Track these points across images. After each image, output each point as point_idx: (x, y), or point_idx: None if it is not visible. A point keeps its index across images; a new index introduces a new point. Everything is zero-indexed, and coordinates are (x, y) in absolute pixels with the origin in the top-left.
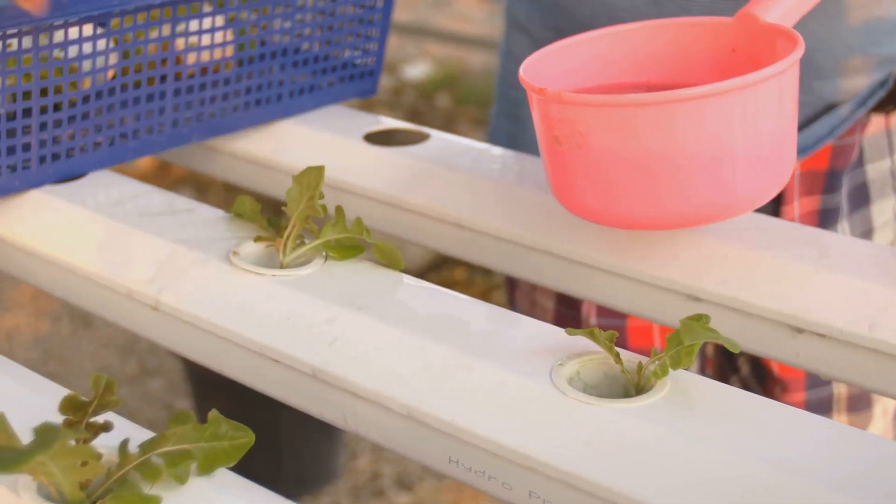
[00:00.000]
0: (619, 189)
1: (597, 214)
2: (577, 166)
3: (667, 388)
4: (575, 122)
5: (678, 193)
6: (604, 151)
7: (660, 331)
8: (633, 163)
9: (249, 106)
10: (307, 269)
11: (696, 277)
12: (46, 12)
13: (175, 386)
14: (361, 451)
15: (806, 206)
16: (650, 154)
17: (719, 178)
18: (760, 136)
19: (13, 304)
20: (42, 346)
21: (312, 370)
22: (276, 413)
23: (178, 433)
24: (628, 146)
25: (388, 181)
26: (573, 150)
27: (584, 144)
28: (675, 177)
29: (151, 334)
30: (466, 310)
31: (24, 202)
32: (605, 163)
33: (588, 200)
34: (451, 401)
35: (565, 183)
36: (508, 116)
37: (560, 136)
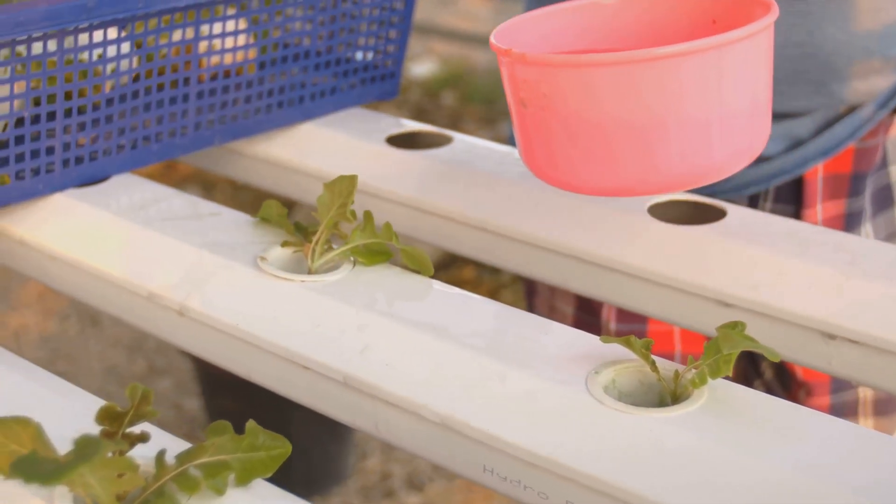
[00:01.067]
0: (583, 155)
1: (560, 181)
2: (540, 130)
3: (704, 397)
4: (538, 83)
5: (641, 160)
6: (565, 114)
7: (680, 334)
8: (594, 126)
9: (271, 108)
10: (336, 275)
11: (725, 282)
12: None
13: (183, 385)
14: (371, 451)
15: (830, 210)
16: (611, 117)
17: (684, 145)
18: (731, 100)
19: (20, 304)
20: (50, 346)
21: (343, 377)
22: (287, 413)
23: (215, 444)
24: (589, 108)
25: (412, 184)
26: (537, 112)
27: (547, 107)
28: (638, 142)
29: (177, 340)
30: (499, 316)
31: (48, 206)
32: (566, 126)
33: (552, 166)
34: (485, 409)
35: (531, 148)
36: None
37: (525, 98)
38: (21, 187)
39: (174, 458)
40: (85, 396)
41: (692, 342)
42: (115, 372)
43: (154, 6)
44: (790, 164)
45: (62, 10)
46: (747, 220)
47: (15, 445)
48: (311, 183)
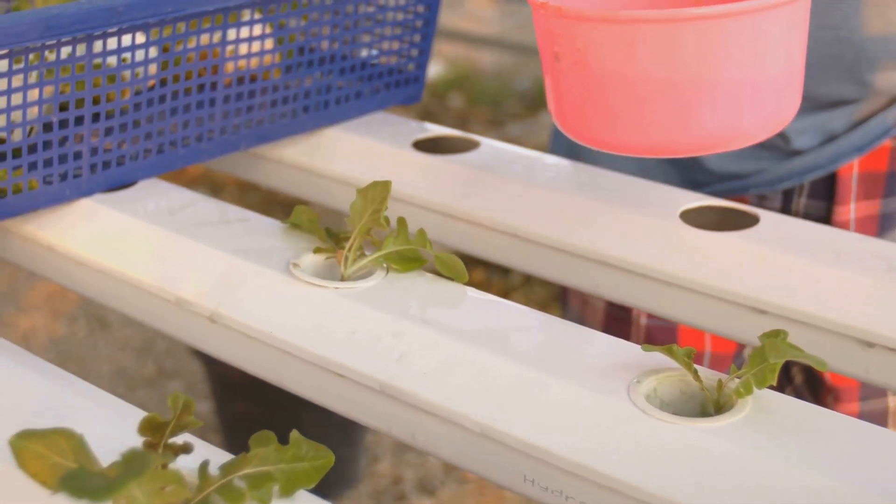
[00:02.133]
0: (613, 111)
1: (590, 137)
2: (573, 85)
3: (748, 407)
4: (574, 38)
5: (673, 119)
6: (600, 69)
7: (711, 335)
8: (628, 83)
9: (297, 113)
10: (370, 282)
11: (761, 289)
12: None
13: (193, 388)
14: (383, 454)
15: (864, 209)
16: (647, 75)
17: (718, 107)
18: (766, 65)
19: (29, 305)
20: (59, 348)
21: (380, 385)
22: (297, 416)
23: (259, 455)
24: (626, 65)
25: (439, 189)
26: (571, 67)
27: (581, 61)
28: (671, 101)
29: (208, 347)
30: (536, 324)
31: (75, 211)
32: (600, 82)
33: (582, 122)
34: (525, 418)
35: (562, 104)
36: None
37: (560, 52)
38: (48, 192)
39: (217, 469)
40: (112, 400)
41: (722, 342)
42: (125, 374)
43: (183, 10)
44: (824, 158)
45: (92, 14)
46: (781, 227)
47: (58, 458)
48: (337, 188)
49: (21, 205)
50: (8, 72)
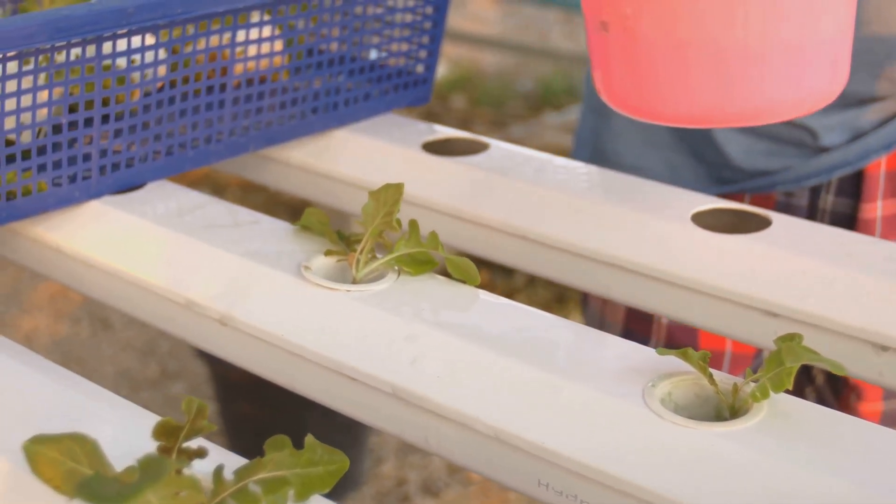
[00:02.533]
0: (662, 79)
1: (637, 108)
2: (621, 54)
3: (764, 411)
4: (622, 5)
5: (722, 87)
6: (649, 37)
7: None
8: (679, 51)
9: (305, 114)
10: (382, 285)
11: (773, 292)
12: None
13: (197, 389)
14: (386, 456)
15: (891, 207)
16: (698, 41)
17: (772, 74)
18: (818, 31)
19: (32, 306)
20: (61, 349)
21: (393, 389)
22: (301, 418)
23: (274, 459)
24: (676, 32)
25: (450, 192)
26: (619, 35)
27: (630, 28)
28: (721, 69)
29: (219, 350)
30: (549, 327)
31: (84, 213)
32: (649, 50)
33: (630, 92)
34: (539, 421)
35: (609, 73)
36: (595, 112)
37: (607, 20)
38: (57, 194)
39: (232, 473)
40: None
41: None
42: (128, 375)
43: (192, 11)
44: (852, 155)
45: (102, 16)
46: (793, 230)
47: (72, 463)
48: (345, 189)
49: (30, 207)
50: (17, 73)
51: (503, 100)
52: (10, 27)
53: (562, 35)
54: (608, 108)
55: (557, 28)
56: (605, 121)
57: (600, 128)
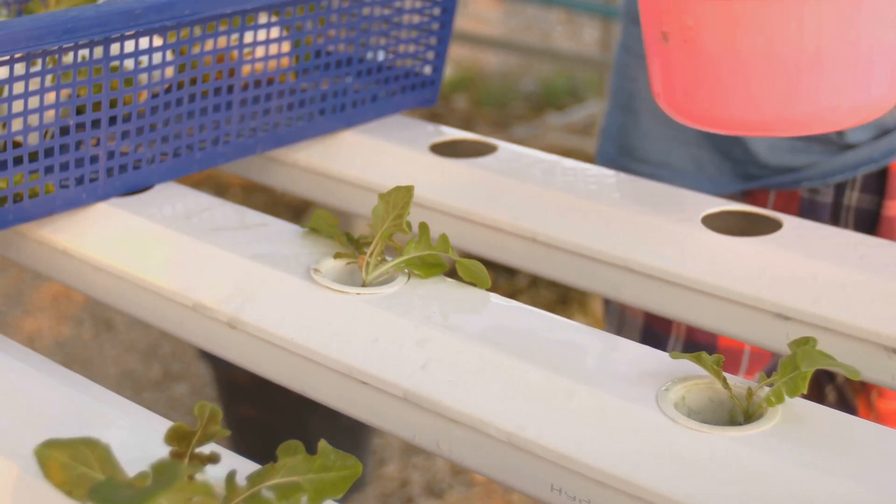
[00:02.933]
0: (724, 88)
1: (699, 117)
2: (682, 64)
3: (779, 416)
4: (684, 15)
5: (785, 97)
6: (712, 46)
7: None
8: (742, 60)
9: (313, 116)
10: (392, 288)
11: (785, 295)
12: None
13: (200, 391)
14: (389, 457)
15: None
16: (762, 51)
17: (835, 83)
18: (882, 38)
19: (34, 307)
20: (64, 350)
21: (404, 393)
22: (304, 419)
23: (287, 464)
24: (739, 41)
25: (458, 194)
26: (680, 45)
27: (692, 39)
28: (785, 78)
29: (228, 353)
30: (562, 331)
31: (91, 215)
32: (712, 59)
33: (692, 101)
34: (553, 426)
35: (670, 83)
36: (622, 109)
37: (668, 30)
38: (65, 196)
39: (245, 479)
40: (133, 407)
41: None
42: (131, 377)
43: (200, 13)
44: (877, 153)
45: (110, 17)
46: (805, 232)
47: (84, 468)
48: (353, 191)
49: (37, 209)
50: (25, 75)
51: (505, 100)
52: (17, 28)
53: (564, 35)
54: (635, 105)
55: (560, 28)
56: (631, 117)
57: (627, 124)
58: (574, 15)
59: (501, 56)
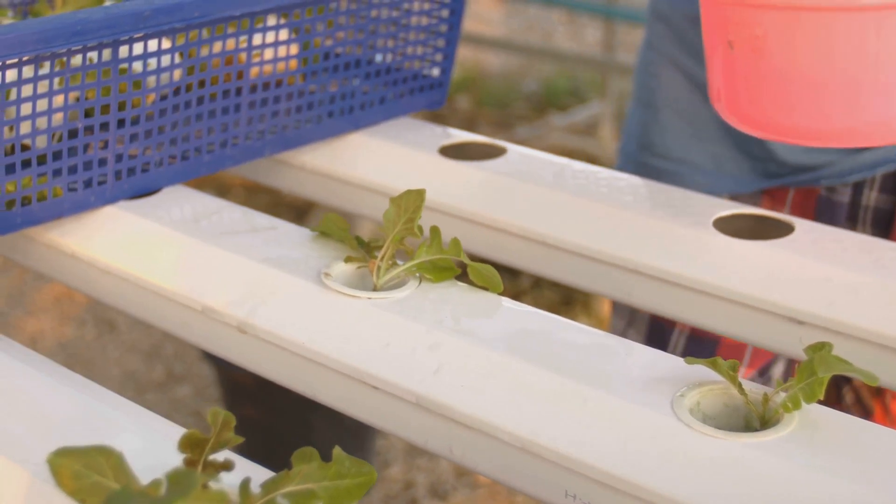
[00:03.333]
0: (792, 98)
1: (764, 125)
2: (748, 73)
3: (795, 422)
4: (754, 25)
5: (853, 108)
6: (781, 56)
7: None
8: (813, 71)
9: (321, 118)
10: (403, 292)
11: (798, 299)
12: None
13: (203, 392)
14: (394, 459)
15: None
16: (833, 63)
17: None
18: None
19: (37, 308)
20: (67, 351)
21: (416, 398)
22: (308, 421)
23: (302, 472)
24: (810, 52)
25: (468, 196)
26: (747, 54)
27: (760, 48)
28: (854, 90)
29: (238, 357)
30: (575, 335)
31: (99, 218)
32: (780, 69)
33: (757, 109)
34: (567, 431)
35: (734, 91)
36: (644, 105)
37: (734, 39)
38: (73, 199)
39: (259, 486)
40: (145, 414)
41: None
42: (134, 378)
43: (209, 15)
44: (894, 153)
45: (119, 19)
46: (817, 236)
47: (97, 476)
48: (362, 194)
49: (45, 212)
50: (33, 77)
51: (508, 101)
52: (26, 30)
53: (566, 36)
54: (655, 101)
55: (562, 29)
56: (653, 114)
57: (648, 121)
58: (576, 15)
59: (503, 56)
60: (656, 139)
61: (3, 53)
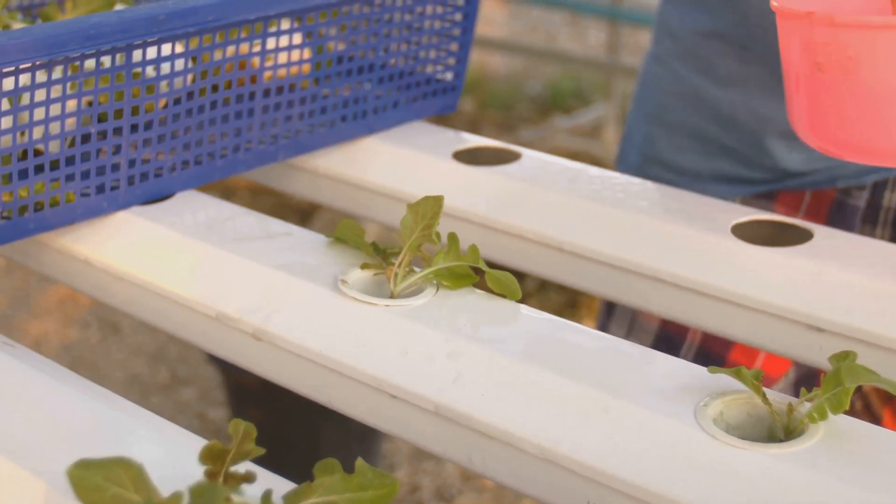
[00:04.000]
0: (886, 120)
1: (854, 147)
2: (838, 95)
3: (821, 432)
4: (845, 47)
5: None
6: (873, 78)
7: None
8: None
9: (335, 123)
10: (421, 299)
11: (817, 306)
12: None
13: (207, 395)
14: (399, 462)
15: None
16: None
17: None
18: None
19: (41, 311)
20: (71, 353)
21: (435, 407)
22: (314, 424)
23: (324, 484)
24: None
25: (483, 202)
26: (837, 76)
27: (851, 70)
28: None
29: (252, 365)
30: (595, 343)
31: (112, 223)
32: (873, 90)
33: (846, 131)
34: (589, 441)
35: (823, 113)
36: (650, 119)
37: (823, 62)
38: (86, 205)
39: (281, 498)
40: (163, 424)
41: (774, 361)
42: (138, 380)
43: (224, 19)
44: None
45: (133, 24)
46: (836, 243)
47: (118, 489)
48: (376, 199)
49: (58, 218)
50: (46, 82)
51: (511, 103)
52: (39, 35)
53: (570, 37)
54: (667, 118)
55: (565, 30)
56: (663, 129)
57: (656, 135)
58: (579, 17)
59: (507, 58)
60: (667, 155)
61: (17, 58)
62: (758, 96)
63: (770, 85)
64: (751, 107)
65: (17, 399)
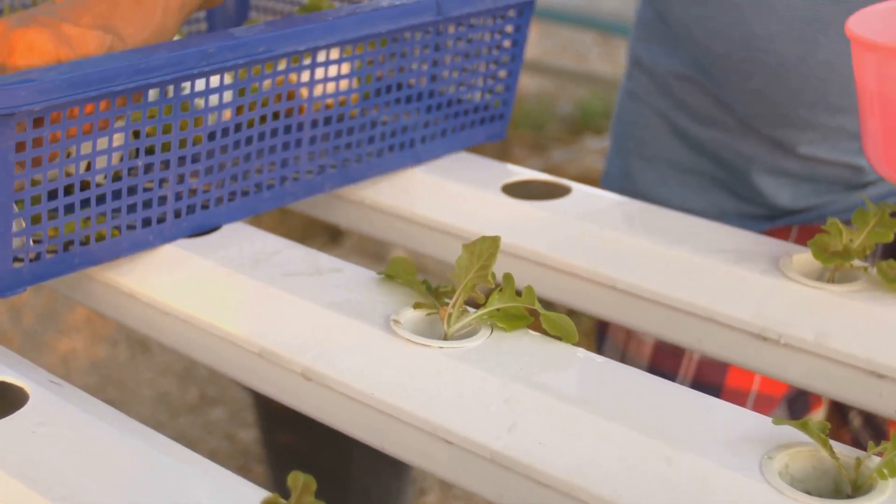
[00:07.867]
0: None
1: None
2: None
3: (890, 489)
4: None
5: None
6: None
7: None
8: None
9: (382, 152)
10: (475, 341)
11: (878, 351)
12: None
13: (237, 416)
14: (430, 488)
15: None
16: None
17: None
18: None
19: (69, 328)
20: (100, 372)
21: (491, 455)
22: (347, 450)
23: None
24: None
25: (532, 237)
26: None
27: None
28: None
29: (301, 405)
30: (654, 390)
31: (158, 257)
32: None
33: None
34: (651, 494)
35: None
36: (628, 154)
37: (890, 91)
38: (131, 239)
39: None
40: (218, 471)
41: (771, 382)
42: (167, 400)
43: (273, 50)
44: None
45: (184, 58)
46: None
47: None
48: (423, 232)
49: (104, 252)
50: (94, 115)
51: (542, 123)
52: (90, 70)
53: (600, 57)
54: (647, 153)
55: (595, 50)
56: (643, 164)
57: (634, 171)
58: (609, 37)
59: (537, 78)
60: (651, 190)
61: (67, 93)
62: (738, 137)
63: (752, 127)
64: (732, 147)
65: (70, 443)
